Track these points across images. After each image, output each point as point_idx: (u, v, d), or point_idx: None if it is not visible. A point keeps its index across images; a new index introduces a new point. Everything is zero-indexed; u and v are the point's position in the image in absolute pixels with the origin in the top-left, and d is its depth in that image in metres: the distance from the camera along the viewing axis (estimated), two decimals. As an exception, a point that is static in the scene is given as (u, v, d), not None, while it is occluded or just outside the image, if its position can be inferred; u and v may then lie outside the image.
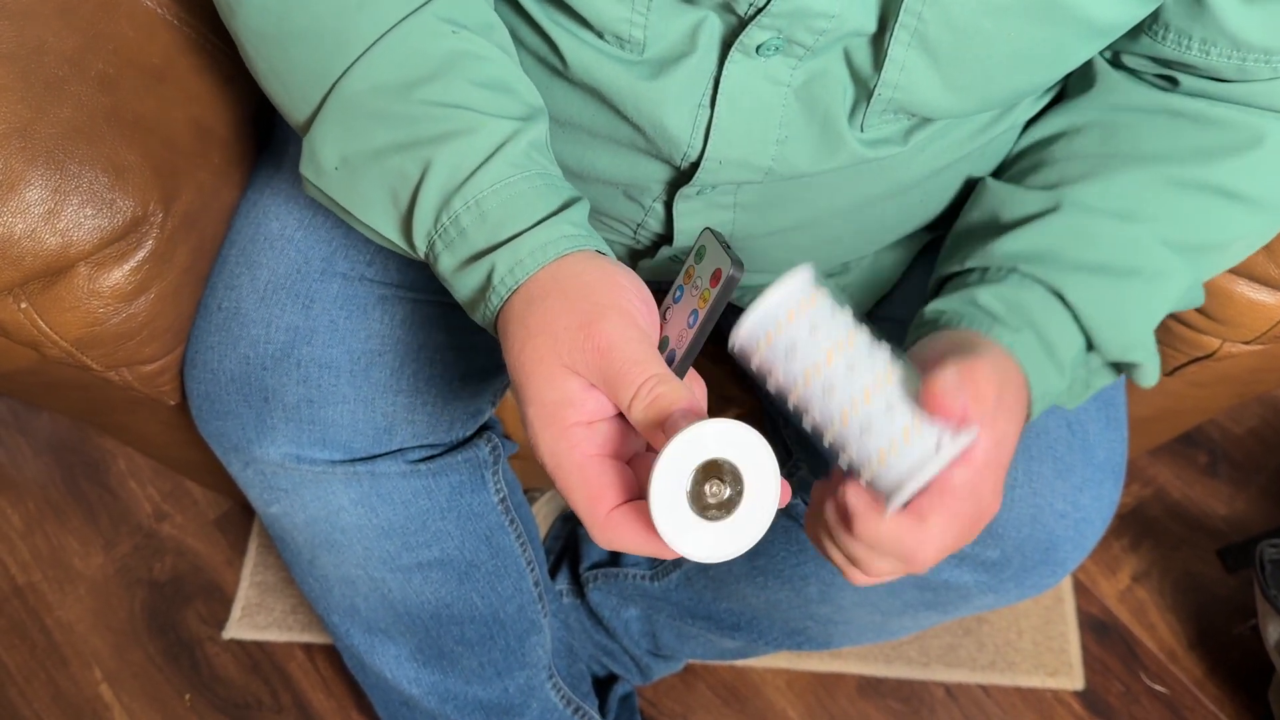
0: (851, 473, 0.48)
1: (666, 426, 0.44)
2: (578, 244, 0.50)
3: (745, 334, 0.48)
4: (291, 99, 0.55)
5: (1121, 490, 0.71)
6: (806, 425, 0.48)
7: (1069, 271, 0.56)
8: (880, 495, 0.47)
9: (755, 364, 0.48)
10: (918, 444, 0.46)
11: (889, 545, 0.48)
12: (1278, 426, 1.29)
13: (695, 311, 0.49)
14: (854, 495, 0.48)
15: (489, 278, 0.50)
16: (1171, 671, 1.13)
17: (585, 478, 0.46)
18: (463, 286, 0.51)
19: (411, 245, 0.53)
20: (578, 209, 0.51)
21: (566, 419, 0.46)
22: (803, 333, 0.46)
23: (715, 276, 0.48)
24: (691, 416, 0.44)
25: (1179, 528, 1.22)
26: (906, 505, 0.47)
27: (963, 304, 0.56)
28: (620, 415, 0.48)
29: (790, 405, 0.48)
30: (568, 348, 0.46)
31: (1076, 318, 0.56)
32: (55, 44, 0.60)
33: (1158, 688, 1.12)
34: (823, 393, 0.46)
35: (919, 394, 0.46)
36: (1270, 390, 0.88)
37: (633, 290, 0.48)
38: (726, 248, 0.48)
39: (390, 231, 0.53)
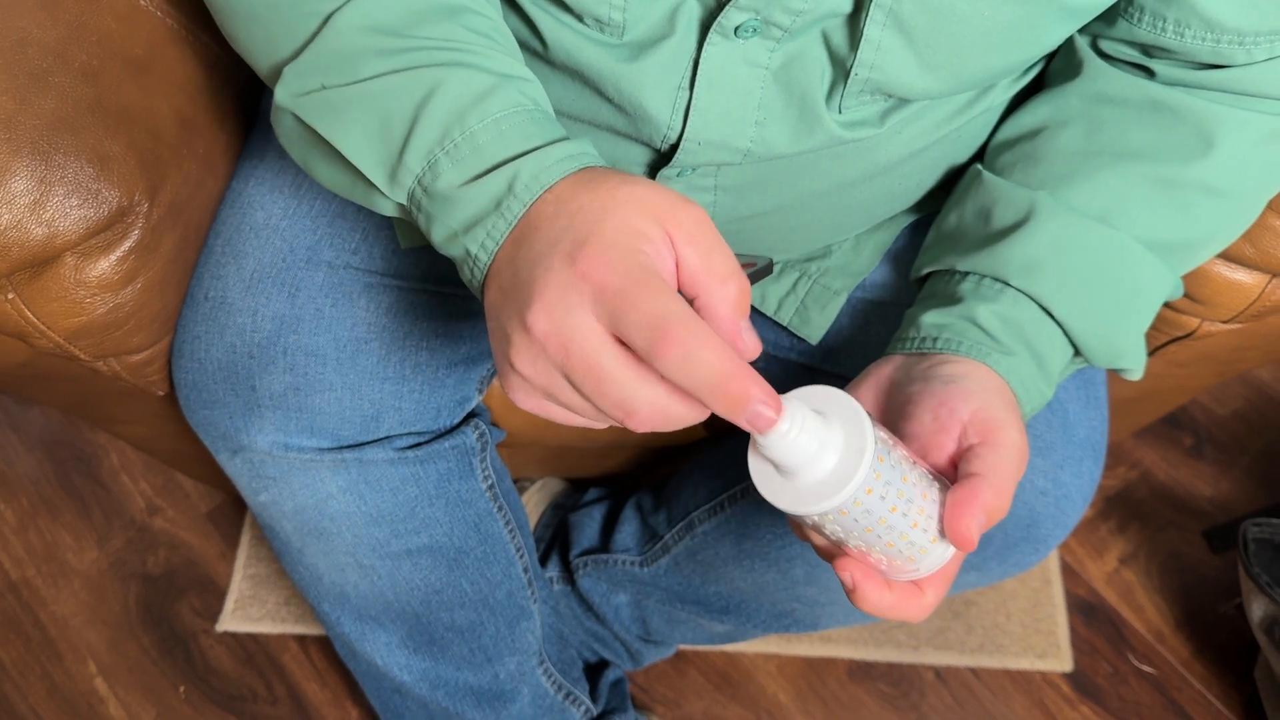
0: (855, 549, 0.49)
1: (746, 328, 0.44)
2: (599, 163, 0.48)
3: (820, 512, 0.46)
4: (272, 37, 0.52)
5: (1102, 468, 0.72)
6: (830, 534, 0.49)
7: (1057, 286, 0.57)
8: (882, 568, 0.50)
9: (810, 522, 0.48)
10: (935, 550, 0.49)
11: (887, 612, 0.50)
12: (1261, 408, 1.30)
13: None
14: (858, 574, 0.50)
15: (510, 187, 0.46)
16: (1159, 652, 1.14)
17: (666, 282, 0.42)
18: (468, 203, 0.47)
19: (393, 174, 0.49)
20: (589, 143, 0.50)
21: (641, 248, 0.42)
22: (875, 502, 0.46)
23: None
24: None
25: (1165, 510, 1.22)
26: None
27: (960, 321, 0.57)
28: None
29: (825, 529, 0.48)
30: (670, 203, 0.43)
31: (1066, 333, 0.58)
32: (38, 35, 0.60)
33: (1145, 668, 1.13)
34: (875, 534, 0.47)
35: (943, 515, 0.48)
36: (1251, 368, 0.88)
37: None
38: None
39: (368, 158, 0.49)
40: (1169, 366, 0.83)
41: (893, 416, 0.54)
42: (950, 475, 0.51)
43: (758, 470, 0.47)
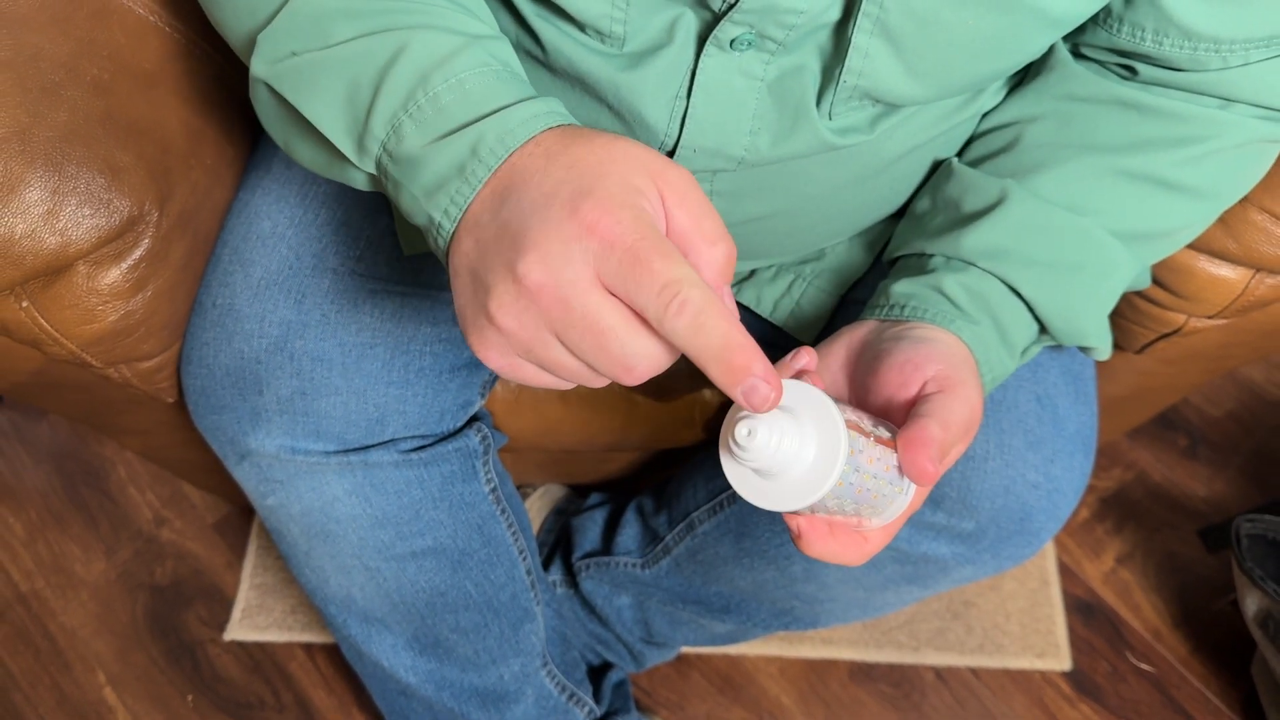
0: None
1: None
2: (569, 121, 0.47)
3: (807, 506, 0.46)
4: (249, 4, 0.52)
5: (1093, 462, 0.73)
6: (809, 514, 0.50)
7: (1024, 268, 0.59)
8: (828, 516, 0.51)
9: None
10: (898, 499, 0.51)
11: (832, 557, 0.52)
12: (1254, 409, 1.31)
13: None
14: (804, 523, 0.51)
15: (473, 150, 0.45)
16: (1157, 650, 1.15)
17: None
18: (430, 166, 0.46)
19: (360, 142, 0.48)
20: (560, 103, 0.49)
21: (643, 206, 0.42)
22: (850, 476, 0.47)
23: None
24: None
25: (1160, 510, 1.24)
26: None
27: (927, 290, 0.59)
28: None
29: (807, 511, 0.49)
30: (662, 163, 0.43)
31: (1031, 309, 0.60)
32: (50, 50, 0.62)
33: (1144, 666, 1.14)
34: (852, 502, 0.48)
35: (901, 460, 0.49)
36: (1240, 365, 0.90)
37: None
38: None
39: (335, 125, 0.49)
40: (1158, 364, 0.84)
41: (862, 371, 0.56)
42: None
43: (736, 477, 0.47)
